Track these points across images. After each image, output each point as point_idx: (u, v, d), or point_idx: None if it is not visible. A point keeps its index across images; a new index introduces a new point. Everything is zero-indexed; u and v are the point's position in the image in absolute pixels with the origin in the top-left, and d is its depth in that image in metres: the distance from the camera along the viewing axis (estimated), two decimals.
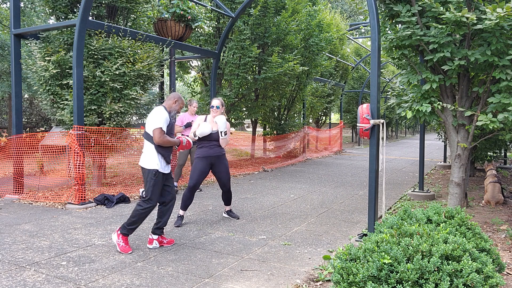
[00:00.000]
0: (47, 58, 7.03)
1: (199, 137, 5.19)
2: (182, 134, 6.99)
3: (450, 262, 2.34)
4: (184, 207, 5.25)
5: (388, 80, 23.02)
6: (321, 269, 3.76)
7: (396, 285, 2.29)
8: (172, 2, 8.34)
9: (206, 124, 5.19)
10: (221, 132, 5.18)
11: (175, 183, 7.59)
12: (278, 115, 13.96)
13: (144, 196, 4.25)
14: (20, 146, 7.19)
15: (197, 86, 13.11)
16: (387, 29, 5.13)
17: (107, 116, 7.03)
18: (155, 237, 4.38)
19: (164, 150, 4.26)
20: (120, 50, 7.03)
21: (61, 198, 6.65)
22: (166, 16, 8.26)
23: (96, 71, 6.83)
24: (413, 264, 2.30)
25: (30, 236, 4.73)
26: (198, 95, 12.60)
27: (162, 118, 4.17)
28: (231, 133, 12.47)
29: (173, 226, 5.19)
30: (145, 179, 4.22)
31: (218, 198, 7.06)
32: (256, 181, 9.09)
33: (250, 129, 17.71)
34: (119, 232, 4.23)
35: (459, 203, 4.82)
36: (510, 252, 4.27)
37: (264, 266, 3.86)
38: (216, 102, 5.27)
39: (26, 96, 16.27)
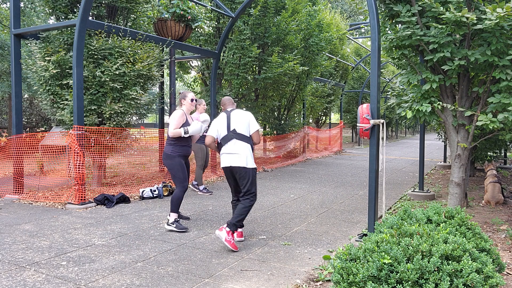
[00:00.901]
0: (47, 58, 7.03)
1: (184, 136, 5.05)
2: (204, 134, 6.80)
3: (450, 262, 2.34)
4: (177, 208, 5.20)
5: (388, 80, 23.01)
6: (321, 269, 3.76)
7: (396, 285, 2.29)
8: (172, 2, 8.34)
9: (198, 122, 5.17)
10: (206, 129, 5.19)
11: (201, 186, 7.58)
12: (278, 115, 13.96)
13: (248, 192, 4.43)
14: (20, 146, 7.19)
15: (197, 86, 13.11)
16: (387, 29, 5.12)
17: (107, 116, 7.03)
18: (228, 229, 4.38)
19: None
20: (120, 50, 7.04)
21: (61, 198, 6.65)
22: (166, 16, 8.26)
23: (96, 71, 6.83)
24: (413, 264, 2.30)
25: (30, 236, 4.74)
26: (198, 95, 12.61)
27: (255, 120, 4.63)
28: None
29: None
30: (245, 177, 4.44)
31: (218, 198, 7.06)
32: None
33: None
34: (227, 229, 4.26)
35: (459, 203, 4.82)
36: (510, 252, 4.27)
37: (264, 266, 3.86)
38: (192, 94, 5.32)
39: (26, 96, 16.26)
